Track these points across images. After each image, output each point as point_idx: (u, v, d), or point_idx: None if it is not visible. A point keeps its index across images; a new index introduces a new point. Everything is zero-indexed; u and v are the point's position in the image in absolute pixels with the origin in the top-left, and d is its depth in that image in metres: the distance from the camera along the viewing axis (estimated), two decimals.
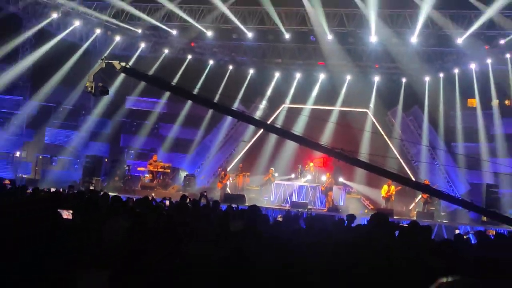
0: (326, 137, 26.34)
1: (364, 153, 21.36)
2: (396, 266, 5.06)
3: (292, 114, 29.79)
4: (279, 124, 29.24)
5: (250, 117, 20.34)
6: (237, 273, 2.98)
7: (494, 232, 13.21)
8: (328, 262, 4.79)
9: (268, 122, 23.83)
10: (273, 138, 29.59)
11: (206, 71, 30.49)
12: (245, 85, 30.69)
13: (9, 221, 5.24)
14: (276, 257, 4.97)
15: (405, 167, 27.57)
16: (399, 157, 28.06)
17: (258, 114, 29.60)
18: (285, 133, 14.86)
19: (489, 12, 22.26)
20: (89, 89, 10.59)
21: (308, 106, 30.41)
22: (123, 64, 11.87)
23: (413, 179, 21.69)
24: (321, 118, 28.67)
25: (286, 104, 30.87)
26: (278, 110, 30.60)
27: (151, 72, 29.80)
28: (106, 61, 11.65)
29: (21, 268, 4.12)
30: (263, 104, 31.04)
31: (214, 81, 29.61)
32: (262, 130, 30.09)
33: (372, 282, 4.49)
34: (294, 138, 13.41)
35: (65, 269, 4.25)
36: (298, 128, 28.13)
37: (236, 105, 31.55)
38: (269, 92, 31.08)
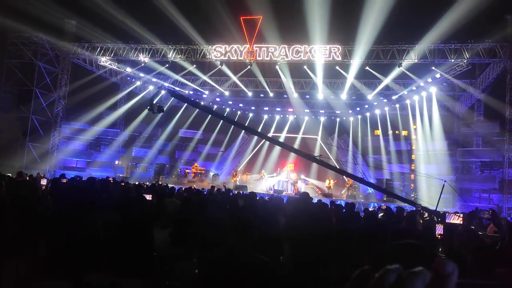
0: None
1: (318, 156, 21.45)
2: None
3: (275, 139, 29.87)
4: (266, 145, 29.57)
5: (254, 130, 20.44)
6: (240, 227, 3.09)
7: (385, 207, 13.31)
8: (286, 214, 5.02)
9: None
10: (263, 153, 29.80)
11: (225, 115, 30.63)
12: (246, 123, 30.77)
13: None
14: (264, 219, 5.09)
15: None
16: (335, 163, 28.19)
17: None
18: (281, 144, 14.76)
19: (386, 81, 22.47)
20: (150, 108, 10.11)
21: (283, 134, 30.52)
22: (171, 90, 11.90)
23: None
24: (290, 142, 28.86)
25: (271, 133, 30.95)
26: None
27: (192, 117, 30.14)
28: (162, 89, 11.37)
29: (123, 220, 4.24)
30: None
31: None
32: (257, 148, 30.24)
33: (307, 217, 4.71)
34: (289, 148, 13.18)
35: (148, 226, 4.38)
36: (278, 146, 28.47)
37: (241, 135, 31.76)
38: (261, 126, 31.18)
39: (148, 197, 8.00)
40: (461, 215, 6.89)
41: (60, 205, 6.04)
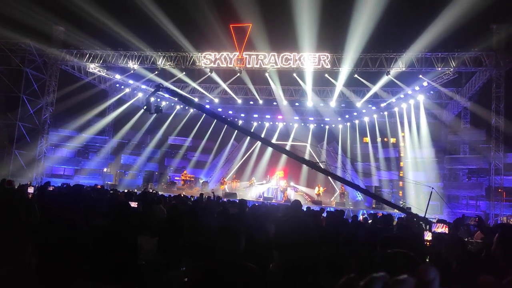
0: (284, 158, 26.78)
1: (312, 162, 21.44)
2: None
3: (264, 147, 29.93)
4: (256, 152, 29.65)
5: (249, 131, 20.29)
6: (228, 235, 3.06)
7: (381, 214, 13.36)
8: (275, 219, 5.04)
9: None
10: (252, 160, 29.82)
11: (214, 121, 30.57)
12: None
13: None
14: (253, 225, 5.10)
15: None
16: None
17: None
18: (278, 148, 14.45)
19: (374, 88, 22.73)
20: (147, 108, 9.62)
21: (273, 141, 30.57)
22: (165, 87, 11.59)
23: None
24: (280, 148, 28.85)
25: None
26: (255, 144, 30.66)
27: (181, 124, 30.11)
28: (160, 88, 10.97)
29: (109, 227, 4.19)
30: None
31: (220, 127, 29.72)
32: (246, 156, 30.20)
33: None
34: (292, 155, 12.68)
35: (134, 235, 4.33)
36: (268, 153, 28.67)
37: (231, 140, 31.80)
38: None
39: (134, 204, 7.96)
40: (447, 224, 6.97)
41: (46, 213, 5.97)
